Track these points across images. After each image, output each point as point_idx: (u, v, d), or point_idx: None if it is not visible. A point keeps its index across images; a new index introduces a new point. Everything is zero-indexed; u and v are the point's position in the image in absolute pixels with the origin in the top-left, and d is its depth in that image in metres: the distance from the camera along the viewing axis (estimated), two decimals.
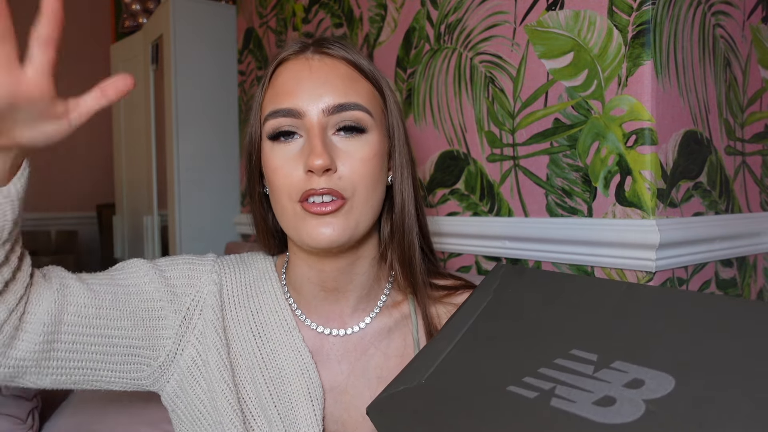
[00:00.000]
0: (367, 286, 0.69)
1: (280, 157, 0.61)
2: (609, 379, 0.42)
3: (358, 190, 0.61)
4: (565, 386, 0.43)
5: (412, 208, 0.68)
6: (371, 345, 0.69)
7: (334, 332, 0.68)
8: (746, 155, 0.99)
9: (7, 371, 0.56)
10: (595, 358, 0.44)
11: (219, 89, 2.15)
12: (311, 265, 0.66)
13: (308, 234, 0.60)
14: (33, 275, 0.57)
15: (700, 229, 0.88)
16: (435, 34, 1.18)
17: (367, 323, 0.69)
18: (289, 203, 0.61)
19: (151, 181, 2.41)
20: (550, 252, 0.96)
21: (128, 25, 2.98)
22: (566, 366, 0.45)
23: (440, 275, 0.76)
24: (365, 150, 0.61)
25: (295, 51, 0.65)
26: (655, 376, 0.41)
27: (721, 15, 0.93)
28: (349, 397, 0.66)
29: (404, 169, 0.67)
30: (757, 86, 1.00)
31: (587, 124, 0.89)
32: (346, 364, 0.67)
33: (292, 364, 0.65)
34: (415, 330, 0.70)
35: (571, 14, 0.91)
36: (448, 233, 1.15)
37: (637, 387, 0.41)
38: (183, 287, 0.66)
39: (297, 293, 0.70)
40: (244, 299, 0.69)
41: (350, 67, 0.64)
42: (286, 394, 0.64)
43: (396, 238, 0.68)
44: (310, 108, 0.60)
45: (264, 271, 0.72)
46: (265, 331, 0.67)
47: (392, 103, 0.68)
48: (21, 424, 0.93)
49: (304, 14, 1.68)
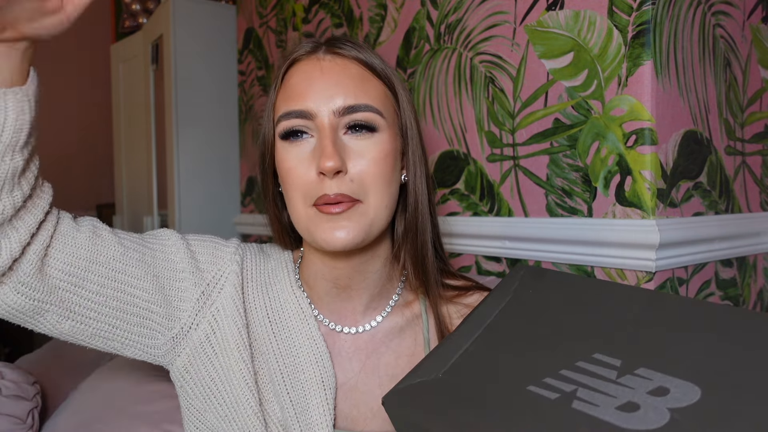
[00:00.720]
0: (379, 285, 0.69)
1: (293, 157, 0.62)
2: (633, 386, 0.41)
3: (371, 192, 0.61)
4: (587, 389, 0.42)
5: (426, 208, 0.68)
6: (382, 344, 0.69)
7: (345, 330, 0.69)
8: (746, 155, 0.99)
9: (31, 303, 0.56)
10: (619, 363, 0.44)
11: (219, 89, 2.15)
12: (325, 262, 0.67)
13: (322, 237, 0.60)
14: (60, 218, 0.59)
15: (700, 229, 0.88)
16: (435, 34, 1.18)
17: (378, 322, 0.70)
18: (302, 206, 0.61)
19: (151, 181, 2.41)
20: (550, 252, 0.96)
21: (128, 25, 2.98)
22: (589, 369, 0.44)
23: (452, 275, 0.76)
24: (376, 149, 0.62)
25: (306, 51, 0.65)
26: (680, 385, 0.40)
27: (721, 15, 0.93)
28: (359, 394, 0.67)
29: (418, 168, 0.67)
30: (757, 86, 1.00)
31: (587, 124, 0.89)
32: (357, 361, 0.68)
33: (306, 353, 0.65)
34: (425, 330, 0.71)
35: (571, 14, 0.91)
36: (448, 233, 1.15)
37: (662, 395, 0.40)
38: (207, 263, 0.67)
39: (310, 289, 0.70)
40: (262, 285, 0.69)
41: (362, 67, 0.64)
42: (299, 382, 0.64)
43: (410, 237, 0.68)
44: (321, 109, 0.61)
45: (282, 263, 0.73)
46: (281, 319, 0.68)
47: (405, 101, 0.68)
48: (21, 424, 0.93)
49: (304, 14, 1.68)
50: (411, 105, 0.68)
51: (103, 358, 1.19)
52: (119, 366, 1.09)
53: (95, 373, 1.11)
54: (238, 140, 2.18)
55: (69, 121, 3.83)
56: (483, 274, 1.10)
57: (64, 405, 1.04)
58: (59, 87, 3.80)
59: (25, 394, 0.95)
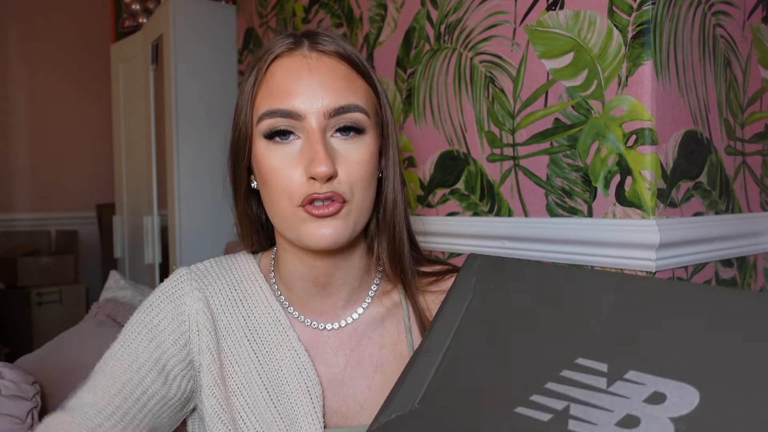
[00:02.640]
0: (358, 278, 0.69)
1: (278, 158, 0.61)
2: (627, 394, 0.38)
3: (356, 192, 0.61)
4: (579, 404, 0.39)
5: (402, 205, 0.68)
6: (364, 335, 0.69)
7: (328, 326, 0.69)
8: (746, 155, 0.99)
9: None
10: (606, 368, 0.40)
11: (219, 89, 2.15)
12: (304, 261, 0.66)
13: (308, 236, 0.60)
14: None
15: (700, 229, 0.88)
16: (435, 34, 1.18)
17: (359, 314, 0.70)
18: (289, 206, 0.61)
19: (151, 181, 2.41)
20: (550, 252, 0.96)
21: (128, 25, 2.97)
22: (575, 379, 0.41)
23: (426, 262, 0.76)
24: (362, 152, 0.62)
25: (289, 47, 0.63)
26: (676, 388, 0.37)
27: (721, 15, 0.93)
28: (345, 389, 0.67)
29: (396, 167, 0.68)
30: (757, 86, 1.00)
31: (587, 124, 0.89)
32: (342, 356, 0.68)
33: (289, 364, 0.65)
34: (406, 317, 0.71)
35: (571, 14, 0.91)
36: (448, 233, 1.15)
37: (659, 402, 0.37)
38: (173, 332, 0.67)
39: (288, 290, 0.70)
40: (232, 305, 0.69)
41: (348, 66, 0.64)
42: (285, 394, 0.64)
43: (386, 233, 0.68)
44: (310, 110, 0.60)
45: (249, 273, 0.71)
46: (260, 334, 0.67)
47: (384, 99, 0.68)
48: (20, 424, 0.93)
49: (304, 14, 1.68)
50: (388, 101, 0.68)
51: None
52: None
53: None
54: None
55: (69, 121, 3.83)
56: None
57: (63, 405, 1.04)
58: (59, 87, 3.80)
59: (24, 394, 0.95)
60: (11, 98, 3.65)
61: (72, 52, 3.83)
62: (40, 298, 3.07)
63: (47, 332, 2.92)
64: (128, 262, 2.76)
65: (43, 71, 3.74)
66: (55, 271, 3.19)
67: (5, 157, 3.60)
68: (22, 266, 3.09)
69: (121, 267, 2.84)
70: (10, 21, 3.62)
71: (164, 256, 2.37)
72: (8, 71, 3.64)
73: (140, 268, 2.57)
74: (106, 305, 1.49)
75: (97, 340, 1.29)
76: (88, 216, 3.79)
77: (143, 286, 1.67)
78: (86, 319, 1.45)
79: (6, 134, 3.62)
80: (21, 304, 3.08)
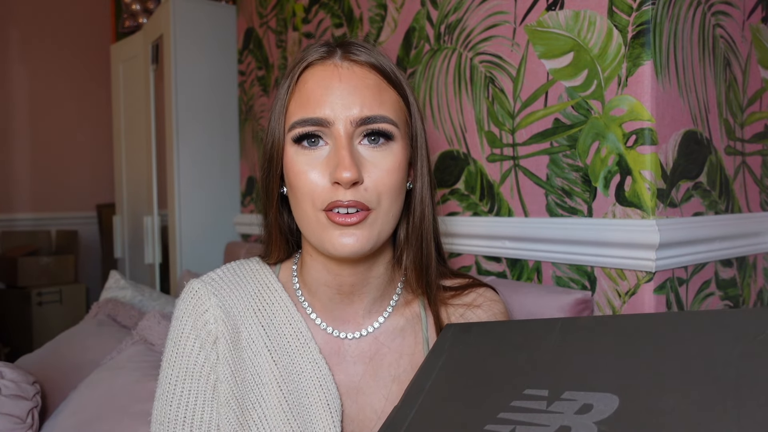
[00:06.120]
0: (381, 288, 0.69)
1: (305, 162, 0.61)
2: (561, 410, 0.44)
3: (383, 201, 0.61)
4: (523, 426, 0.45)
5: (431, 216, 0.68)
6: (384, 345, 0.69)
7: (349, 336, 0.69)
8: (746, 155, 0.99)
9: None
10: (546, 393, 0.47)
11: (219, 89, 2.15)
12: (329, 269, 0.67)
13: (331, 244, 0.60)
14: None
15: (700, 229, 0.88)
16: (435, 34, 1.18)
17: (380, 323, 0.70)
18: (312, 210, 0.61)
19: (151, 181, 2.41)
20: (550, 252, 0.96)
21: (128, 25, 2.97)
22: (522, 406, 0.47)
23: (450, 275, 0.76)
24: (390, 160, 0.62)
25: (322, 55, 0.64)
26: (600, 398, 0.44)
27: (721, 15, 0.93)
28: (364, 397, 0.67)
29: (425, 177, 0.68)
30: (757, 86, 1.00)
31: (587, 124, 0.89)
32: (361, 364, 0.68)
33: (309, 376, 0.65)
34: (424, 328, 0.71)
35: (571, 14, 0.91)
36: (448, 233, 1.15)
37: (586, 411, 0.43)
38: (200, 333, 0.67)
39: (312, 296, 0.70)
40: (252, 314, 0.68)
41: (379, 76, 0.64)
42: (304, 406, 0.64)
43: (414, 244, 0.68)
44: (339, 117, 0.60)
45: (266, 284, 0.71)
46: (280, 345, 0.67)
47: (416, 110, 0.68)
48: (21, 424, 0.93)
49: (304, 14, 1.68)
50: (419, 112, 0.69)
51: (103, 358, 1.19)
52: (119, 365, 1.09)
53: (95, 372, 1.11)
54: (238, 140, 2.18)
55: (69, 121, 3.83)
56: (483, 274, 1.10)
57: (63, 404, 1.04)
58: (59, 87, 3.80)
59: (25, 394, 0.95)
60: (11, 98, 3.65)
61: (72, 52, 3.83)
62: (40, 298, 3.07)
63: (47, 332, 2.92)
64: (128, 262, 2.76)
65: (43, 71, 3.74)
66: (55, 271, 3.19)
67: (5, 157, 3.60)
68: (23, 266, 3.09)
69: (122, 267, 2.84)
70: (10, 21, 3.62)
71: (164, 256, 2.37)
72: (8, 71, 3.64)
73: (140, 268, 2.58)
74: (107, 305, 1.49)
75: (97, 340, 1.29)
76: (88, 216, 3.79)
77: (143, 286, 1.67)
78: (86, 319, 1.45)
79: (6, 134, 3.62)
80: (21, 304, 3.08)
